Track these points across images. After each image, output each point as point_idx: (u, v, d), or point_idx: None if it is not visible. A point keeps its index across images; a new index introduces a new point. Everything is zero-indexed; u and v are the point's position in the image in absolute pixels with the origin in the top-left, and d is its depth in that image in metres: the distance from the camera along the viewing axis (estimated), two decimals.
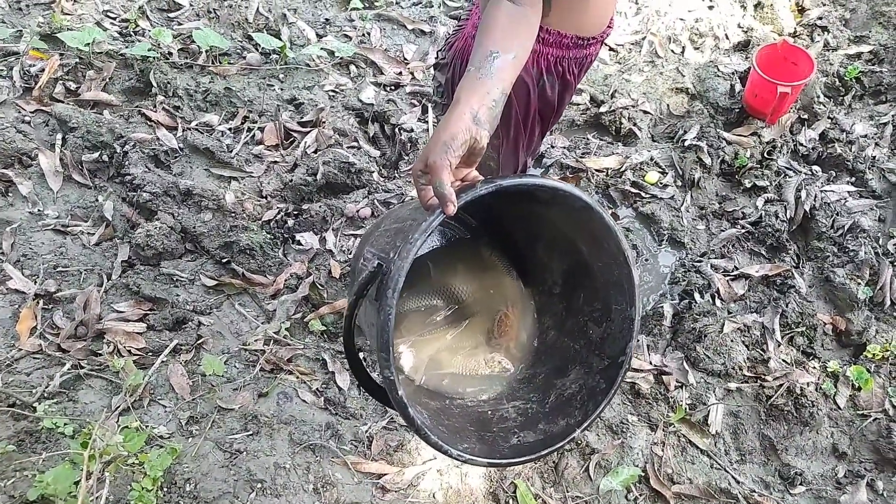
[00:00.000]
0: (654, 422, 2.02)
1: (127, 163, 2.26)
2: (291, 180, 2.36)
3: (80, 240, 2.13)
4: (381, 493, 1.78)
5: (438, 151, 0.94)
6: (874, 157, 2.56)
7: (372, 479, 1.81)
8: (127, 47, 2.55)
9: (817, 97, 2.70)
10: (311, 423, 1.86)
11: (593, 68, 2.94)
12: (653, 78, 2.92)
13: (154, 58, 2.53)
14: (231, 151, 2.43)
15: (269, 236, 2.22)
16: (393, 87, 2.75)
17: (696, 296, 2.28)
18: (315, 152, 2.46)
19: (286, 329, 2.05)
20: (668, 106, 2.84)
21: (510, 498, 1.83)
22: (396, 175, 2.51)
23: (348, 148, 2.50)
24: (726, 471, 1.96)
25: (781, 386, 2.06)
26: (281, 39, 2.74)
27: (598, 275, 1.23)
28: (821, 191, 2.48)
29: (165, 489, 1.65)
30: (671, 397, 2.06)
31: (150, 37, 2.62)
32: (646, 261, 2.43)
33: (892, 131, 2.64)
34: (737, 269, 2.35)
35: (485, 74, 1.00)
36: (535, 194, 1.08)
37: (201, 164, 2.40)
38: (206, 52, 2.63)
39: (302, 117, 2.57)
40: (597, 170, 2.61)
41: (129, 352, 1.91)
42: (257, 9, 2.86)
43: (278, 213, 2.31)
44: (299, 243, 2.26)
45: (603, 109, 2.75)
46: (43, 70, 2.43)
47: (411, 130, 2.57)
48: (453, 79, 1.45)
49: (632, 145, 2.73)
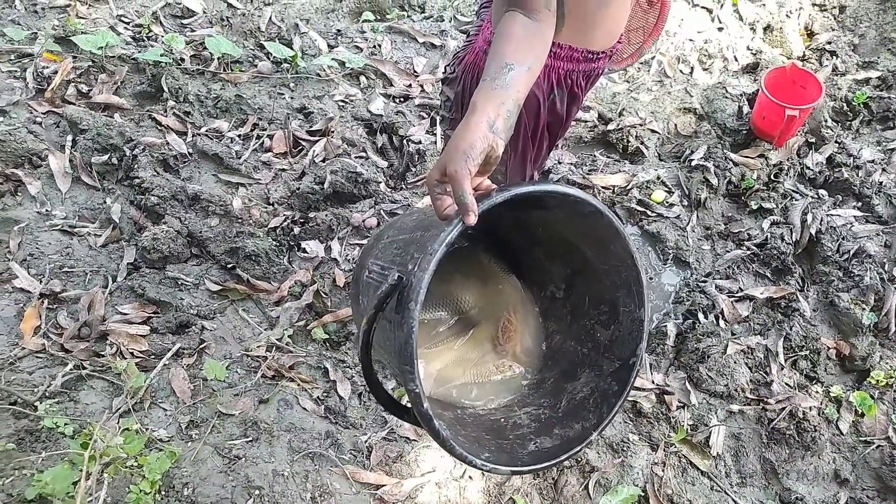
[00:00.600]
0: (655, 441, 2.01)
1: (136, 166, 2.27)
2: (299, 188, 2.37)
3: (87, 241, 2.14)
4: None
5: (458, 160, 0.93)
6: (881, 183, 2.56)
7: (370, 490, 1.80)
8: (139, 52, 2.57)
9: (825, 121, 2.70)
10: (310, 432, 1.86)
11: (602, 86, 2.95)
12: (661, 97, 2.93)
13: (166, 63, 2.55)
14: (240, 158, 2.44)
15: (274, 243, 2.23)
16: (402, 99, 2.77)
17: (700, 316, 2.27)
18: (323, 161, 2.48)
19: (289, 336, 2.05)
20: (675, 125, 2.85)
21: None
22: (403, 186, 2.52)
23: (356, 158, 2.51)
24: (727, 493, 1.95)
25: (784, 409, 2.05)
26: (292, 49, 2.76)
27: (603, 277, 1.22)
28: (827, 215, 2.48)
29: (163, 492, 1.64)
30: (673, 417, 2.05)
31: (163, 42, 2.64)
32: (650, 279, 2.43)
33: None
34: (741, 290, 2.35)
35: (500, 85, 1.00)
36: (544, 200, 1.08)
37: (210, 169, 2.41)
38: (218, 59, 2.65)
39: (311, 126, 2.58)
40: (603, 187, 2.62)
41: (132, 354, 1.91)
42: (270, 18, 2.88)
43: (285, 221, 2.31)
44: (304, 251, 2.26)
45: (611, 127, 2.76)
46: (56, 72, 2.45)
47: (419, 142, 2.58)
48: (463, 93, 1.45)
49: (639, 164, 2.73)
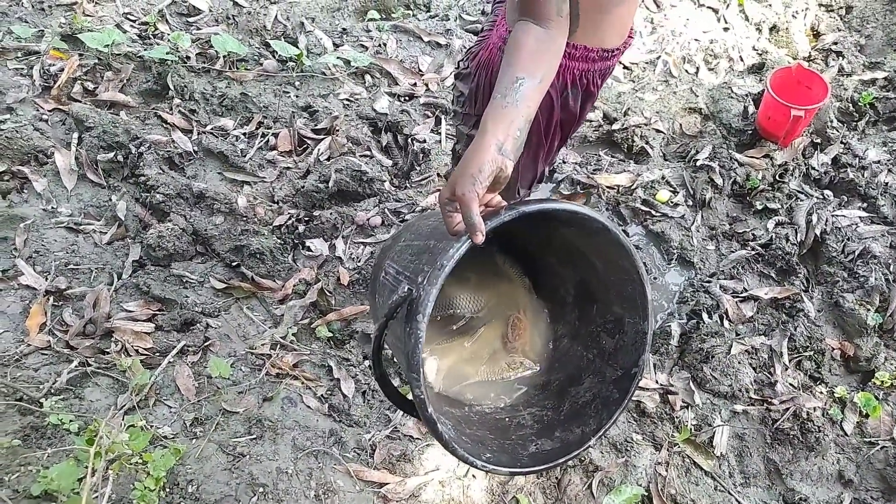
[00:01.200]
0: (659, 441, 2.00)
1: (141, 164, 2.28)
2: (303, 186, 2.37)
3: (93, 238, 2.14)
4: (382, 503, 1.78)
5: (466, 183, 0.97)
6: (887, 184, 2.55)
7: (373, 488, 1.80)
8: (145, 50, 2.58)
9: (831, 122, 2.70)
10: (314, 430, 1.86)
11: (607, 85, 2.95)
12: (666, 97, 2.93)
13: (172, 61, 2.56)
14: (245, 156, 2.45)
15: (279, 241, 2.23)
16: (407, 98, 2.77)
17: (705, 316, 2.27)
18: (328, 160, 2.48)
19: (293, 334, 2.05)
20: (680, 125, 2.84)
21: None
22: (408, 185, 2.52)
23: (361, 156, 2.52)
24: (730, 493, 1.94)
25: (788, 410, 2.04)
26: (298, 47, 2.77)
27: (611, 288, 1.25)
28: (832, 215, 2.47)
29: (168, 489, 1.65)
30: (676, 417, 2.05)
31: (169, 40, 2.65)
32: (654, 279, 2.43)
33: None
34: (746, 290, 2.34)
35: (510, 102, 1.02)
36: (554, 216, 1.10)
37: (215, 167, 2.42)
38: (224, 57, 2.66)
39: (316, 125, 2.58)
40: (608, 186, 2.61)
41: (137, 351, 1.92)
42: (276, 17, 2.89)
43: (289, 219, 2.32)
44: (309, 249, 2.27)
45: (616, 127, 2.76)
46: (62, 70, 2.46)
47: (424, 141, 2.59)
48: (476, 89, 1.46)
49: (643, 163, 2.73)
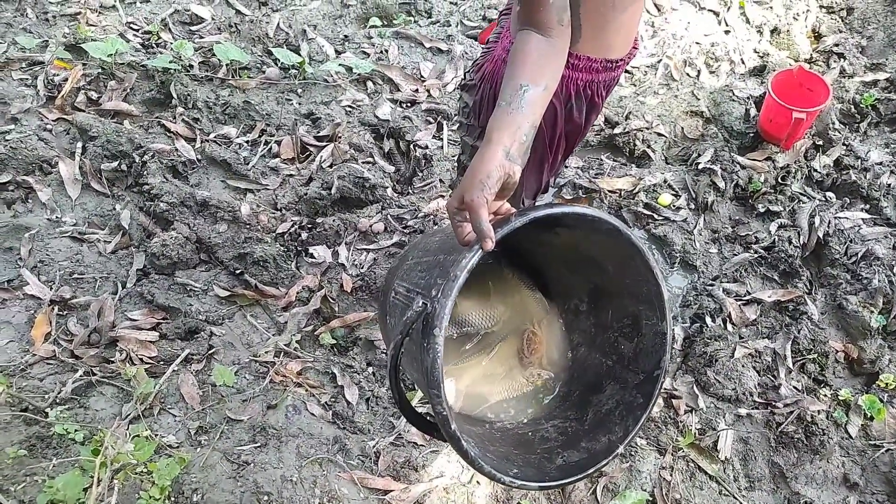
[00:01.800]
0: (663, 446, 2.00)
1: (145, 172, 2.29)
2: (306, 194, 2.38)
3: (97, 247, 2.16)
4: None
5: (475, 190, 0.97)
6: (889, 185, 2.55)
7: (378, 496, 1.80)
8: (149, 59, 2.60)
9: (832, 123, 2.70)
10: (318, 437, 1.87)
11: None
12: (668, 101, 2.93)
13: (175, 70, 2.57)
14: (248, 164, 2.46)
15: (282, 249, 2.24)
16: (409, 104, 2.78)
17: (708, 319, 2.27)
18: (330, 167, 2.49)
19: (297, 342, 2.06)
20: (682, 129, 2.84)
21: None
22: (410, 191, 2.52)
23: (363, 163, 2.52)
24: (735, 497, 1.94)
25: (792, 413, 2.04)
26: (300, 55, 2.78)
27: (625, 292, 1.24)
28: (835, 217, 2.47)
29: (173, 499, 1.65)
30: (680, 421, 2.05)
31: (172, 49, 2.66)
32: None
33: None
34: (749, 293, 2.34)
35: (515, 109, 1.02)
36: (563, 220, 1.10)
37: (218, 175, 2.43)
38: (227, 65, 2.67)
39: (318, 132, 2.59)
40: (610, 191, 2.62)
41: (141, 360, 1.93)
42: (278, 24, 2.90)
43: (292, 226, 2.33)
44: (312, 256, 2.27)
45: (617, 131, 2.76)
46: (66, 79, 2.48)
47: (426, 147, 2.59)
48: (481, 101, 1.47)
49: (645, 167, 2.73)
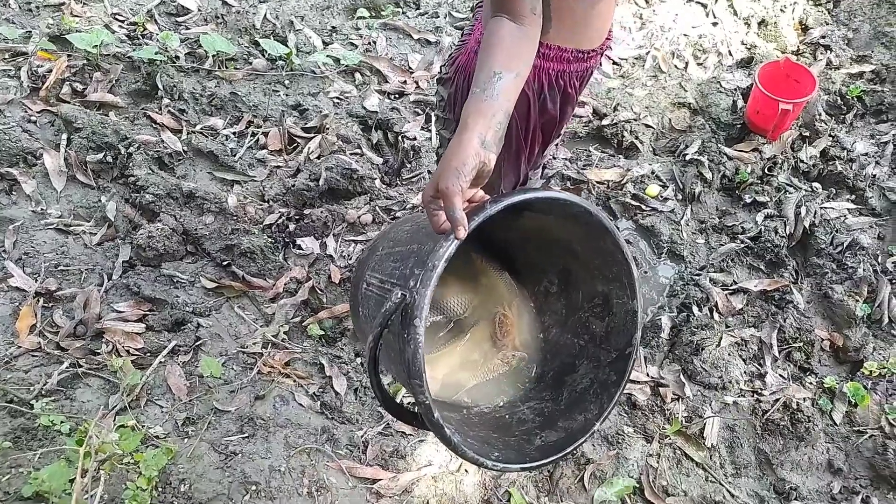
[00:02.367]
0: (650, 433, 2.02)
1: (131, 164, 2.27)
2: (294, 185, 2.37)
3: (82, 239, 2.14)
4: (375, 499, 1.78)
5: (450, 178, 0.97)
6: (874, 176, 2.57)
7: (366, 485, 1.81)
8: (134, 50, 2.58)
9: (819, 115, 2.71)
10: (306, 427, 1.87)
11: (597, 81, 2.96)
12: (655, 92, 2.94)
13: (161, 61, 2.55)
14: (234, 155, 2.45)
15: (269, 240, 2.24)
16: (397, 96, 2.77)
17: (695, 309, 2.28)
18: (318, 158, 2.48)
19: (285, 333, 2.05)
20: (670, 120, 2.85)
21: None
22: (398, 182, 2.52)
23: (351, 154, 2.52)
24: (721, 484, 1.96)
25: (778, 401, 2.06)
26: (287, 46, 2.77)
27: (595, 272, 1.26)
28: (821, 207, 2.48)
29: (160, 489, 1.65)
30: (667, 409, 2.06)
31: (158, 40, 2.64)
32: (645, 273, 2.44)
33: (893, 150, 2.64)
34: (735, 283, 2.36)
35: (489, 96, 1.02)
36: (535, 205, 1.11)
37: (205, 167, 2.42)
38: (213, 56, 2.65)
39: (306, 123, 2.59)
40: (598, 182, 2.62)
41: (128, 352, 1.92)
42: (265, 15, 2.89)
43: (280, 218, 2.32)
44: (300, 248, 2.27)
45: (605, 122, 2.77)
46: (50, 71, 2.46)
47: (414, 139, 2.59)
48: (455, 94, 1.46)
49: (633, 158, 2.74)
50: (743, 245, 2.43)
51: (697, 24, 3.14)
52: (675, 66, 3.04)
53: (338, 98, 2.70)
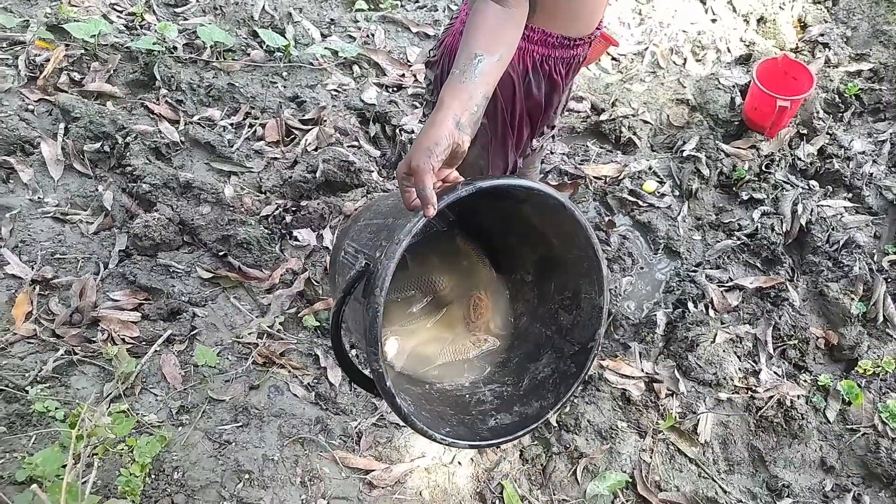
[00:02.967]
0: (644, 429, 2.02)
1: (128, 154, 2.27)
2: (291, 177, 2.37)
3: (79, 228, 2.14)
4: (368, 489, 1.79)
5: (422, 156, 0.98)
6: (871, 174, 2.57)
7: (359, 475, 1.81)
8: (132, 40, 2.57)
9: (816, 113, 2.71)
10: (300, 417, 1.87)
11: (595, 76, 2.96)
12: (654, 88, 2.94)
13: (159, 52, 2.55)
14: (232, 146, 2.45)
15: (266, 231, 2.24)
16: (395, 89, 2.77)
17: (690, 305, 2.28)
18: (315, 150, 2.48)
19: (280, 323, 2.06)
20: (668, 116, 2.85)
21: (497, 499, 1.83)
22: (395, 175, 2.52)
23: (349, 147, 2.52)
24: (714, 480, 1.96)
25: (772, 398, 2.06)
26: (286, 38, 2.76)
27: (569, 266, 1.29)
28: (817, 205, 2.49)
29: (153, 476, 1.65)
30: (661, 405, 2.06)
31: (156, 31, 2.64)
32: (641, 269, 2.44)
33: (890, 149, 2.65)
34: (731, 280, 2.36)
35: (468, 79, 1.03)
36: (512, 193, 1.13)
37: (202, 157, 2.41)
38: (211, 47, 2.65)
39: (304, 115, 2.58)
40: (595, 177, 2.62)
41: (123, 340, 1.92)
42: (263, 7, 2.88)
43: (276, 209, 2.32)
44: (296, 239, 2.27)
45: (603, 118, 2.77)
46: (48, 60, 2.45)
47: (412, 131, 2.59)
48: (441, 75, 1.46)
49: (631, 154, 2.74)
50: (739, 242, 2.44)
51: (696, 20, 3.14)
52: (674, 62, 3.04)
53: (336, 90, 2.70)
